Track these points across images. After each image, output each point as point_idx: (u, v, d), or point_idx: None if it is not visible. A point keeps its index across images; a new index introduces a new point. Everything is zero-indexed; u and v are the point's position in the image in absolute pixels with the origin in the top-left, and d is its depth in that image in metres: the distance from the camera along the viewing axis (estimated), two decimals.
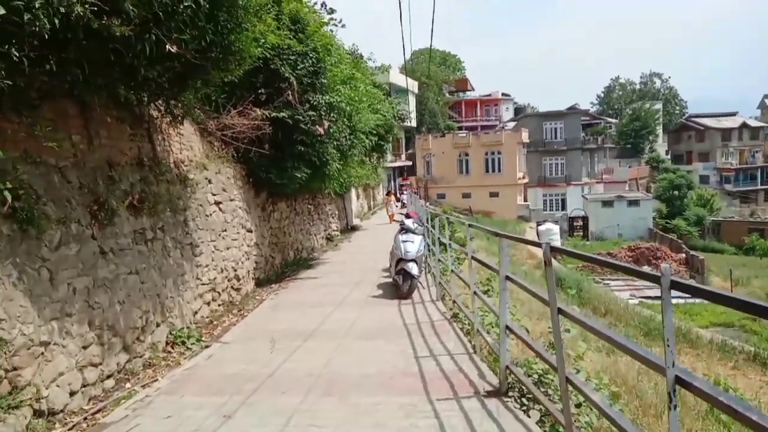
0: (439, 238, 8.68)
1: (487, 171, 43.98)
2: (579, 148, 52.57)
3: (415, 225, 9.75)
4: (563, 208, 49.69)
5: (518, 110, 71.26)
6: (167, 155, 7.59)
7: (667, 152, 70.21)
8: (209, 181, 8.72)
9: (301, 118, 10.28)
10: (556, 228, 37.13)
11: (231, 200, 9.49)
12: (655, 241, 38.71)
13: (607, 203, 44.73)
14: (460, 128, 56.12)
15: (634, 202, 44.82)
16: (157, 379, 5.66)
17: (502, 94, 70.93)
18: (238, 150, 10.12)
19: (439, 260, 8.80)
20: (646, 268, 34.52)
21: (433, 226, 9.78)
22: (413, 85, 49.68)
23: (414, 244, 9.13)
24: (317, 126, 10.37)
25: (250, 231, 10.38)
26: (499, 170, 43.72)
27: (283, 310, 8.66)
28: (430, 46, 13.96)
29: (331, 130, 10.74)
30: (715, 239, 47.00)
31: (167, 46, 4.76)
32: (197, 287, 7.74)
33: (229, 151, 9.91)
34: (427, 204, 38.10)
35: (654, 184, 57.97)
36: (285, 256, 13.16)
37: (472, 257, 6.10)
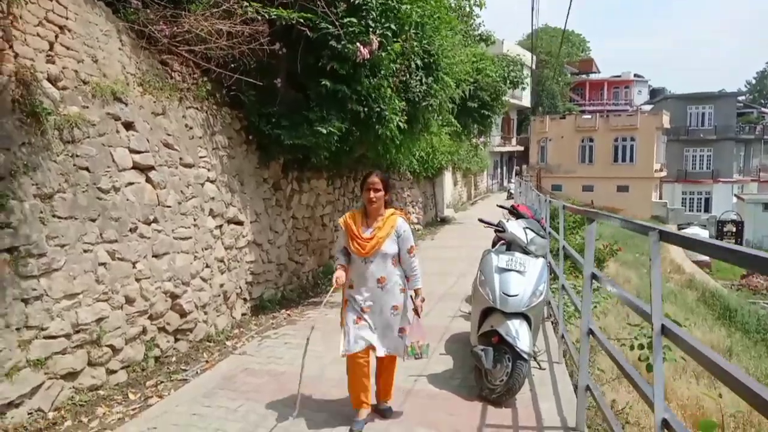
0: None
1: (615, 160, 36.74)
2: (732, 138, 43.40)
3: (530, 234, 4.41)
4: (707, 209, 41.35)
5: (654, 93, 61.29)
6: None
7: None
8: (127, 127, 4.55)
9: (329, 28, 5.80)
10: (704, 234, 29.64)
11: (188, 166, 5.27)
12: None
13: None
14: (582, 112, 48.64)
15: None
16: None
17: (635, 75, 61.45)
18: (222, 81, 5.90)
19: (590, 331, 3.32)
20: None
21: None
22: (530, 60, 43.33)
23: (525, 278, 3.99)
24: (358, 44, 5.82)
25: (238, 223, 6.15)
26: (631, 160, 36.30)
27: (219, 400, 4.09)
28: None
29: (384, 54, 6.11)
30: None
31: None
32: (20, 347, 3.47)
33: (203, 81, 5.72)
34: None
35: None
36: (324, 261, 8.87)
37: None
